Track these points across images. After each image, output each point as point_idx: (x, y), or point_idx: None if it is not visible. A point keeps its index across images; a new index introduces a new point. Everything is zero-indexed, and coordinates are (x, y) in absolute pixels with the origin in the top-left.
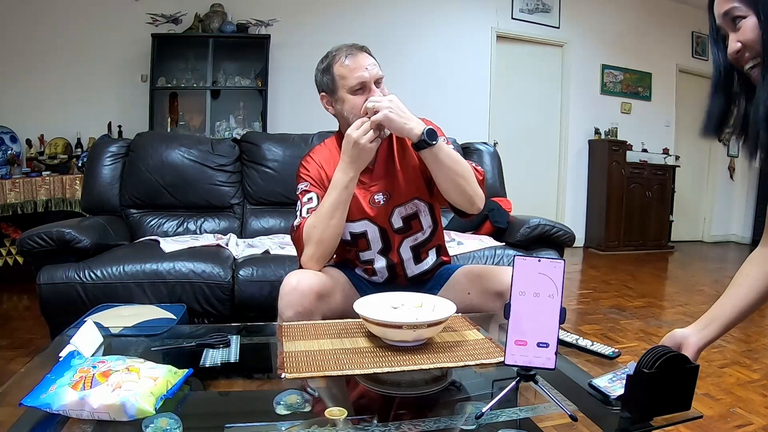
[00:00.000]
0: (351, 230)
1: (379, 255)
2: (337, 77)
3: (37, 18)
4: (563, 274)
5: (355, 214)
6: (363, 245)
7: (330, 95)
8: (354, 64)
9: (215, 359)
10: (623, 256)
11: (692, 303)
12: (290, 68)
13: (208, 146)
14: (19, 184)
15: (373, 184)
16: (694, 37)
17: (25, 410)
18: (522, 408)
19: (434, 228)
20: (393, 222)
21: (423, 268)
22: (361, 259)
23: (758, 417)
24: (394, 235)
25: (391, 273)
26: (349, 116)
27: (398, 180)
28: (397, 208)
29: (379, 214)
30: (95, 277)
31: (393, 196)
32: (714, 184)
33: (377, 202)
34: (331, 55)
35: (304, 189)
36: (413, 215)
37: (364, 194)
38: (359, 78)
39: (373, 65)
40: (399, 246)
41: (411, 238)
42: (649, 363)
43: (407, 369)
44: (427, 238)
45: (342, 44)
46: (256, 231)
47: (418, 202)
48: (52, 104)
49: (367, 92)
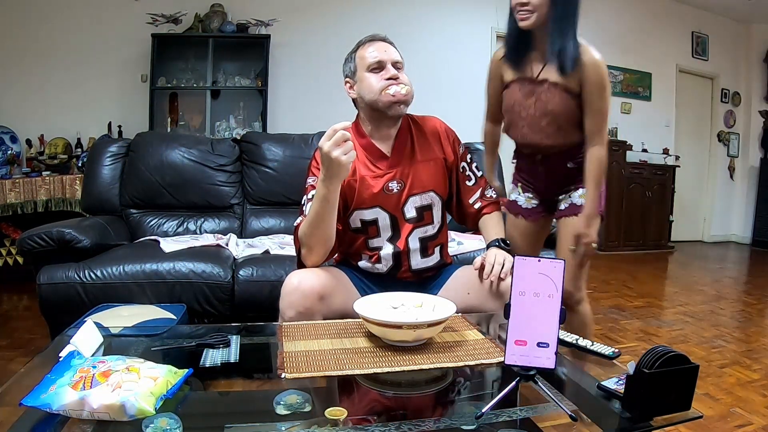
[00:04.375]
0: (362, 218)
1: (387, 242)
2: (357, 60)
3: (37, 18)
4: (563, 274)
5: (367, 201)
6: (373, 232)
7: (352, 78)
8: (373, 46)
9: (215, 359)
10: (623, 256)
11: (692, 303)
12: (290, 68)
13: (208, 146)
14: (19, 184)
15: (388, 171)
16: (694, 37)
17: (25, 410)
18: (522, 408)
19: (441, 225)
20: (406, 211)
21: (427, 264)
22: (369, 247)
23: (758, 417)
24: (404, 224)
25: (396, 261)
26: (365, 95)
27: (417, 170)
28: (412, 197)
29: (392, 202)
30: (95, 277)
31: (408, 184)
32: (714, 184)
33: (390, 190)
34: (355, 45)
35: (311, 184)
36: (427, 206)
37: (378, 181)
38: (376, 56)
39: (390, 49)
40: (408, 235)
41: (421, 229)
42: (649, 363)
43: (407, 369)
44: (435, 234)
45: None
46: (256, 231)
47: (434, 195)
48: (52, 104)
49: (383, 71)
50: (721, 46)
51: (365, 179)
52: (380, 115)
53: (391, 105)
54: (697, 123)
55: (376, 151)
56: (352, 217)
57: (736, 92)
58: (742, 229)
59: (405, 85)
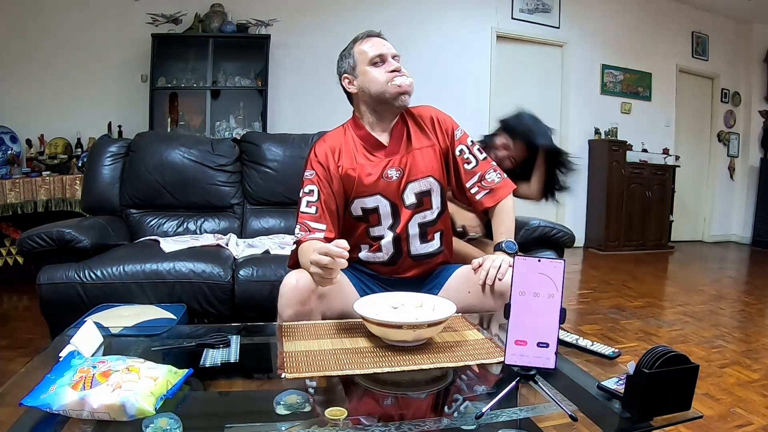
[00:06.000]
0: (363, 206)
1: (388, 230)
2: (357, 55)
3: (37, 18)
4: (563, 274)
5: (367, 189)
6: (374, 220)
7: (351, 74)
8: (371, 42)
9: (215, 359)
10: (623, 256)
11: (692, 303)
12: (290, 68)
13: (208, 146)
14: (19, 184)
15: (387, 159)
16: (694, 37)
17: (25, 410)
18: (522, 408)
19: (441, 211)
20: (405, 197)
21: (427, 249)
22: (370, 235)
23: (758, 417)
24: (404, 210)
25: (396, 248)
26: (371, 88)
27: (414, 157)
28: (410, 184)
29: (391, 189)
30: (95, 277)
31: (407, 171)
32: (714, 184)
33: (390, 177)
34: (350, 42)
35: (308, 178)
36: (426, 192)
37: (377, 169)
38: (377, 50)
39: (388, 44)
40: (408, 221)
41: (420, 215)
42: (649, 363)
43: (407, 369)
44: (435, 219)
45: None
46: (256, 231)
47: (432, 180)
48: (52, 104)
49: (386, 64)
50: (721, 46)
51: (364, 167)
52: (385, 106)
53: (398, 95)
54: (697, 123)
55: (373, 141)
56: (353, 206)
57: (736, 92)
58: (742, 229)
59: (408, 76)
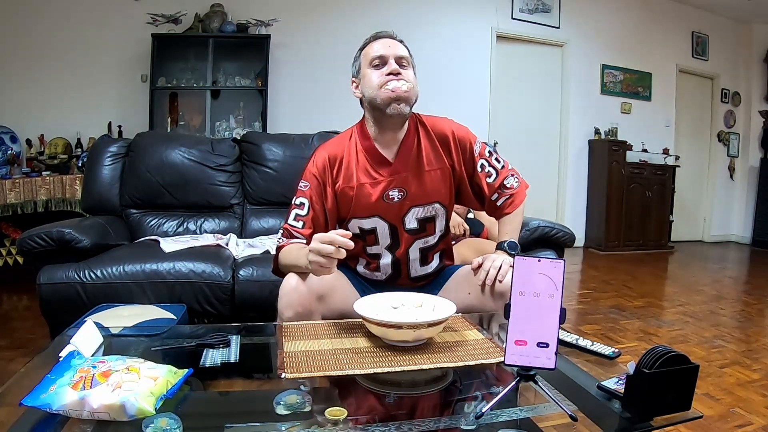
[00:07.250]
0: (360, 226)
1: (386, 251)
2: (362, 57)
3: (37, 18)
4: (563, 274)
5: (365, 210)
6: (371, 240)
7: (356, 77)
8: (379, 43)
9: (215, 359)
10: (623, 256)
11: (692, 303)
12: (290, 68)
13: (208, 146)
14: (19, 184)
15: (390, 179)
16: (694, 37)
17: (25, 410)
18: (522, 408)
19: (444, 233)
20: (407, 221)
21: (427, 271)
22: (367, 252)
23: (758, 417)
24: (404, 234)
25: (395, 270)
26: (366, 92)
27: (423, 180)
28: (414, 208)
29: (392, 211)
30: (95, 277)
31: (411, 194)
32: (714, 184)
33: (391, 198)
34: (363, 42)
35: (302, 189)
36: (430, 218)
37: (377, 190)
38: (379, 51)
39: (396, 45)
40: (409, 246)
41: (422, 240)
42: (649, 363)
43: (407, 369)
44: (436, 243)
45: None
46: (256, 231)
47: (439, 206)
48: (52, 104)
49: (384, 67)
50: (721, 46)
51: (364, 187)
52: (380, 114)
53: (389, 102)
54: (697, 123)
55: (378, 156)
56: (350, 224)
57: (736, 92)
58: (742, 229)
59: (406, 81)
